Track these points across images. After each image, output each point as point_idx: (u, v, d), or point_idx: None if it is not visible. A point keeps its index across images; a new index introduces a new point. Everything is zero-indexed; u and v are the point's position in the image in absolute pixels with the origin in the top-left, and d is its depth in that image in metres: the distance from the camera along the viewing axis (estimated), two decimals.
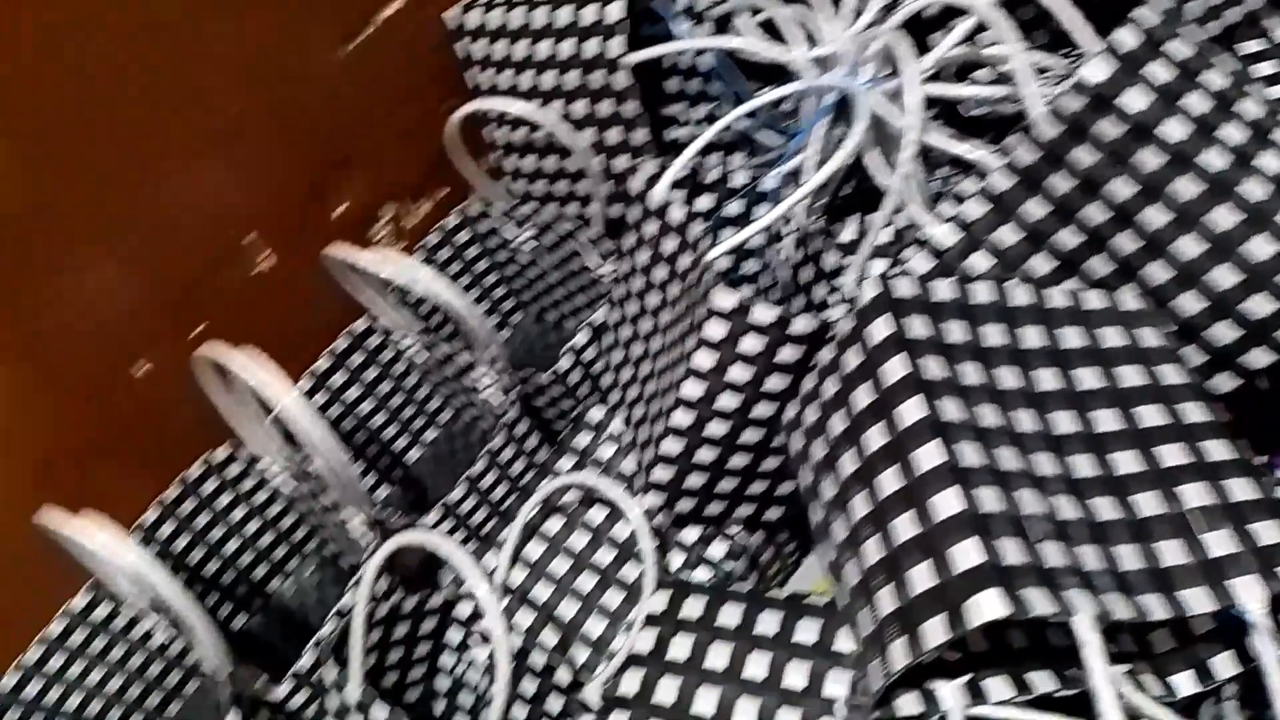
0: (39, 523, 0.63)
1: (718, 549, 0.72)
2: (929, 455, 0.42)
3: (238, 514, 0.84)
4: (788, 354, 0.57)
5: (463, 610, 0.72)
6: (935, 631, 0.40)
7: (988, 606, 0.38)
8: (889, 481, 0.44)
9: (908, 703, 0.46)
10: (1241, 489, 0.45)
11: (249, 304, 0.77)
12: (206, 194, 0.75)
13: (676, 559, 0.71)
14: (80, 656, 0.78)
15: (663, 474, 0.65)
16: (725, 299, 0.56)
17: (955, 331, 0.47)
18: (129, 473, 0.77)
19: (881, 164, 0.63)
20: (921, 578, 0.41)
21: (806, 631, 0.53)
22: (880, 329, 0.46)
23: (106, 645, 0.80)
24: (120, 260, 0.72)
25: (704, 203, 0.73)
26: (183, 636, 0.75)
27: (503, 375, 0.78)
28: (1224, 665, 0.46)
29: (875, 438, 0.45)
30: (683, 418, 0.61)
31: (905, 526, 0.42)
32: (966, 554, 0.40)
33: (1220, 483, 0.45)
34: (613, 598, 0.71)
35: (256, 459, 0.80)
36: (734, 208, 0.72)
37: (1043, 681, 0.46)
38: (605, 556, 0.72)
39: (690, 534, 0.72)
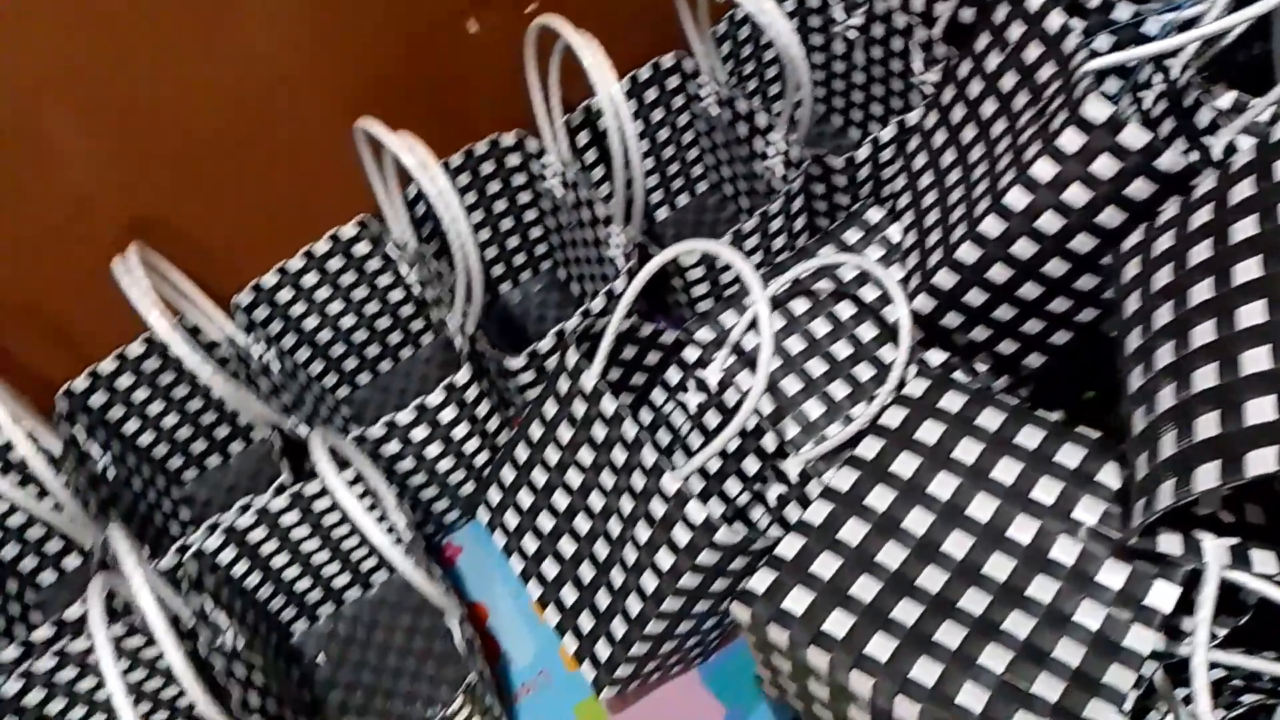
0: (360, 126, 0.67)
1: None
2: None
3: (499, 205, 0.87)
4: (1138, 188, 0.54)
5: (689, 354, 0.74)
6: (1263, 460, 0.38)
7: None
8: (1251, 314, 0.41)
9: (1169, 543, 0.45)
10: None
11: None
12: None
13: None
14: (329, 283, 0.84)
15: (946, 280, 0.63)
16: (1099, 109, 0.53)
17: None
18: (428, 127, 0.80)
19: None
20: (1261, 410, 0.39)
21: (1068, 455, 0.52)
22: None
23: (354, 282, 0.85)
24: None
25: (1074, 26, 0.68)
26: (430, 291, 0.79)
27: (795, 145, 0.77)
28: None
29: (1249, 270, 0.42)
30: (993, 226, 0.59)
31: (1257, 360, 0.40)
32: None
33: None
34: (838, 389, 0.71)
35: (540, 154, 0.81)
36: (1102, 41, 0.68)
37: None
38: (842, 350, 0.72)
39: (936, 356, 0.71)
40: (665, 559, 0.63)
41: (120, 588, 0.54)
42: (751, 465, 0.71)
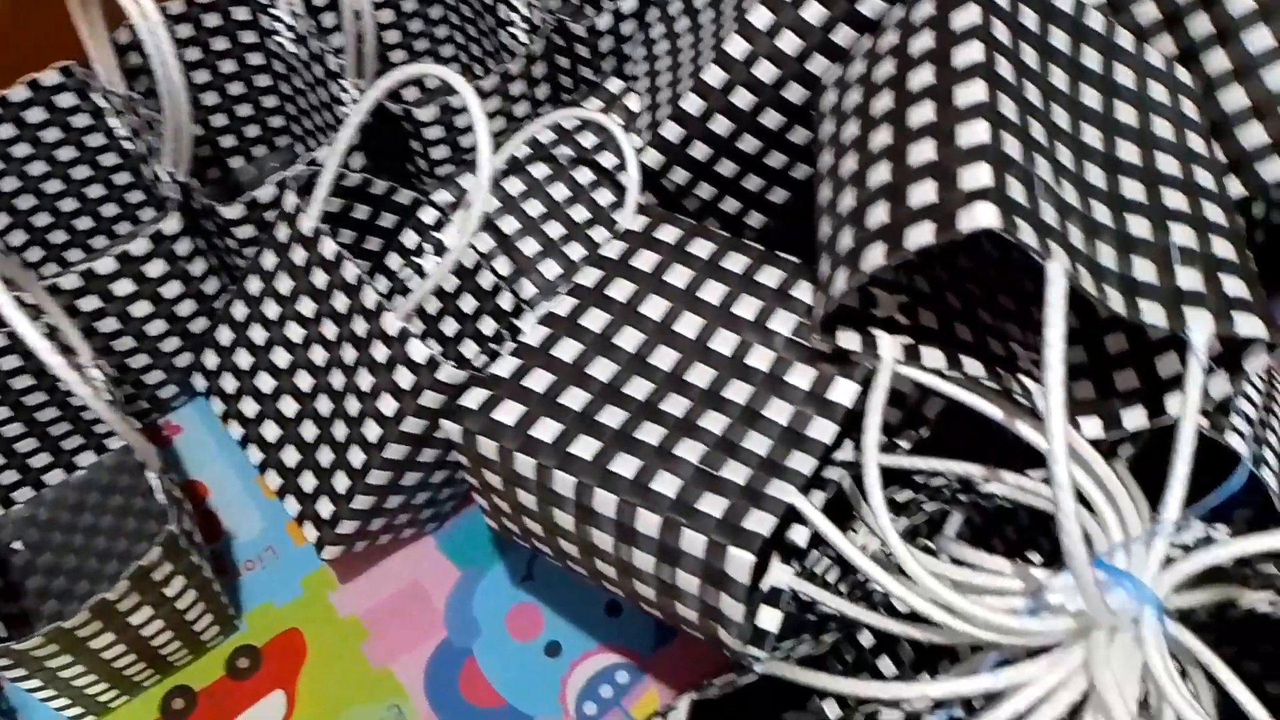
0: None
1: None
2: (973, 92, 0.43)
3: (227, 66, 0.82)
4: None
5: (426, 216, 0.72)
6: (920, 234, 0.41)
7: (982, 215, 0.39)
8: (922, 113, 0.45)
9: (849, 339, 0.49)
10: (1223, 250, 0.47)
11: None
12: None
13: None
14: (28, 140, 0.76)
15: (672, 132, 0.65)
16: None
17: (1030, 18, 0.48)
18: None
19: None
20: (924, 193, 0.42)
21: (768, 276, 0.54)
22: None
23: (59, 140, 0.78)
24: None
25: None
26: (154, 139, 0.73)
27: (537, 8, 0.76)
28: (1133, 419, 0.49)
29: (923, 76, 0.46)
30: (716, 75, 0.61)
31: (924, 151, 0.43)
32: (977, 177, 0.41)
33: (1207, 235, 0.47)
34: (574, 250, 0.71)
35: (270, 5, 0.77)
36: None
37: (973, 366, 0.49)
38: (580, 213, 0.73)
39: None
40: (388, 404, 0.61)
41: None
42: (488, 326, 0.71)
